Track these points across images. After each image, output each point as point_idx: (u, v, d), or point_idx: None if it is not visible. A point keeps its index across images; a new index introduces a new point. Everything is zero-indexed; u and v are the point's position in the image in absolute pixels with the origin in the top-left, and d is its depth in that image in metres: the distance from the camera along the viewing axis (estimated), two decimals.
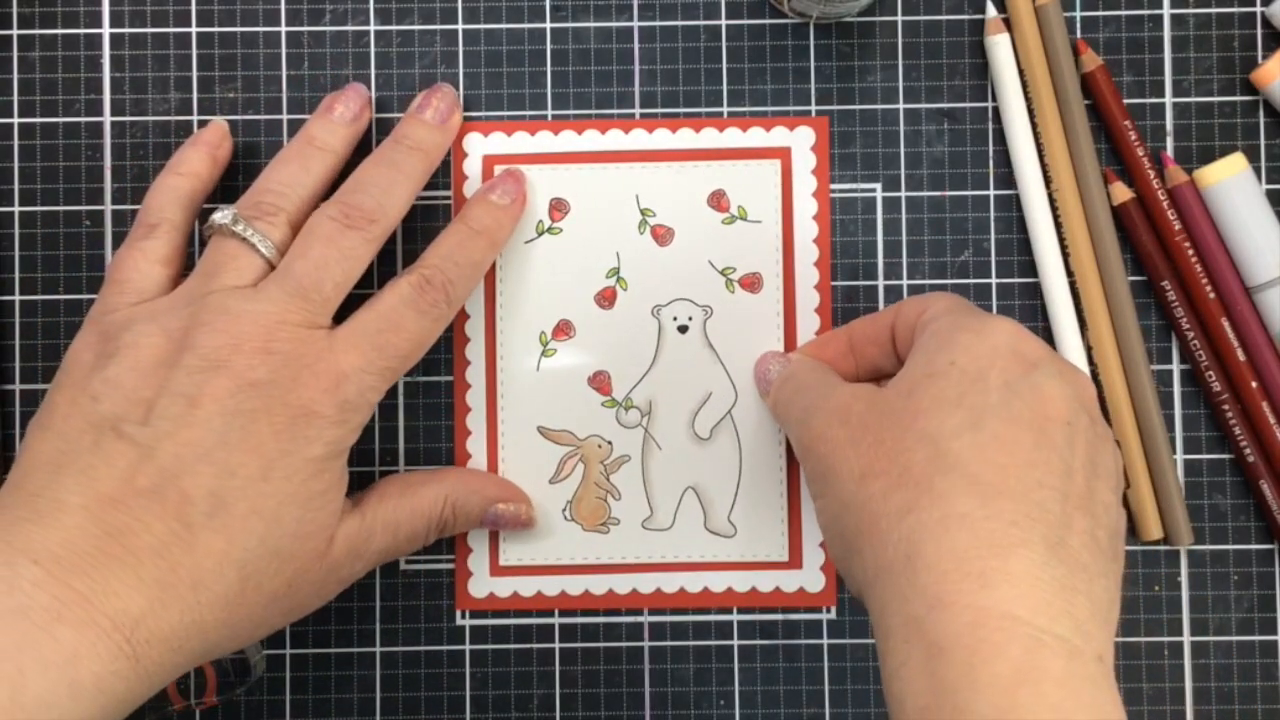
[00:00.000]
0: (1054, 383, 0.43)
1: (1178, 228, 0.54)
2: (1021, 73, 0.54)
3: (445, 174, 0.54)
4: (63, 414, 0.46)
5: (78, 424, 0.45)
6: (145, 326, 0.47)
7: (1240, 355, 0.54)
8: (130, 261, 0.49)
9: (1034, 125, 0.54)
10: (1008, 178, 0.55)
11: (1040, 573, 0.40)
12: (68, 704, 0.41)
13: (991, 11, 0.54)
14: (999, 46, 0.54)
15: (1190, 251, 0.54)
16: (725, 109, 0.55)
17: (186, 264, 0.51)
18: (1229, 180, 0.53)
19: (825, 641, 0.55)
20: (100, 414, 0.45)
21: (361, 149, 0.53)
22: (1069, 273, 0.54)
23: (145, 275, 0.49)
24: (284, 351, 0.46)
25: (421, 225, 0.54)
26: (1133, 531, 0.54)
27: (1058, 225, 0.54)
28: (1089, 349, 0.54)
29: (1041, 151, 0.54)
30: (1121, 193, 0.54)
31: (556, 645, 0.54)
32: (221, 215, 0.49)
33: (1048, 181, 0.54)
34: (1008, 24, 0.54)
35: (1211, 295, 0.54)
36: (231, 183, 0.54)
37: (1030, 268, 0.55)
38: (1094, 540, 0.42)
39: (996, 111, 0.55)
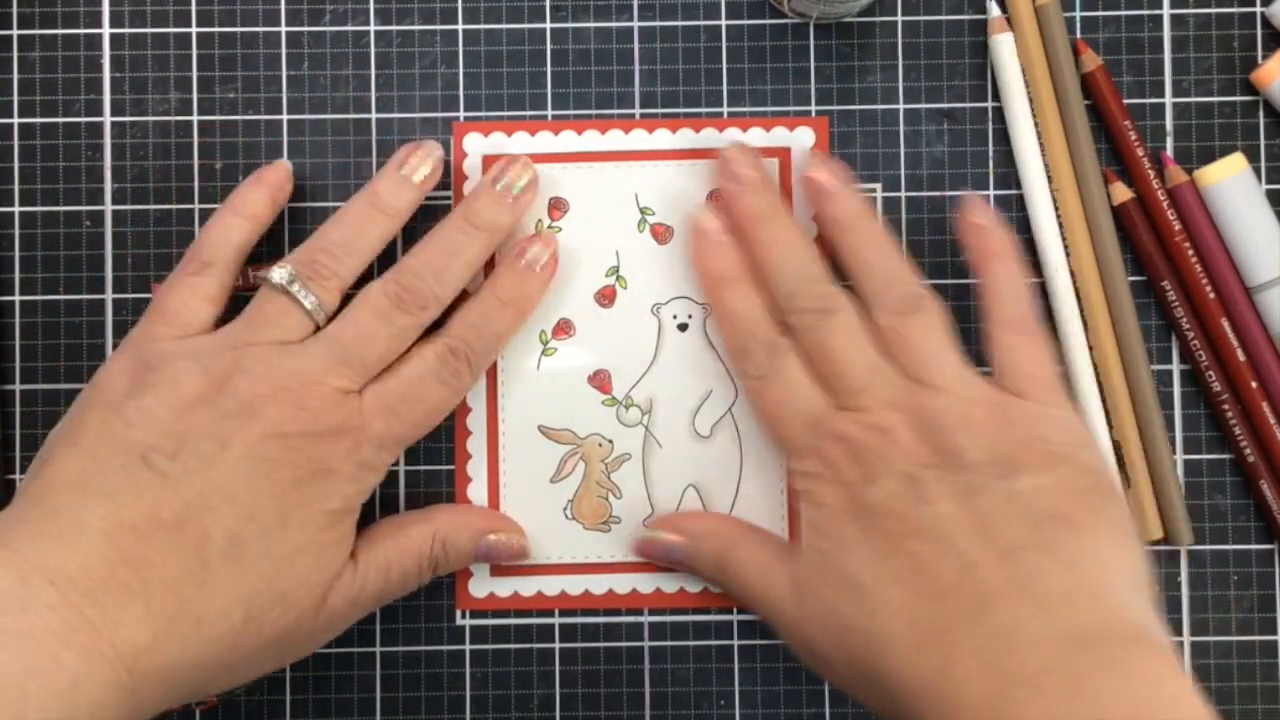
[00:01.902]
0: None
1: (1178, 228, 0.54)
2: (1022, 72, 0.54)
3: (445, 174, 0.54)
4: (94, 434, 0.46)
5: (107, 447, 0.46)
6: (188, 364, 0.47)
7: (1240, 355, 0.54)
8: (179, 295, 0.50)
9: (1035, 125, 0.54)
10: (1008, 178, 0.55)
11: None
12: None
13: (994, 11, 0.54)
14: (1002, 46, 0.54)
15: (1190, 251, 0.54)
16: (725, 109, 0.55)
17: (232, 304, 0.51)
18: (1229, 180, 0.53)
19: None
20: (131, 441, 0.45)
21: (359, 132, 0.53)
22: (1070, 273, 0.54)
23: (192, 311, 0.50)
24: (315, 410, 0.47)
25: (421, 226, 0.54)
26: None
27: (1059, 225, 0.54)
28: (1090, 349, 0.54)
29: (1042, 151, 0.54)
30: (1121, 193, 0.54)
31: (556, 645, 0.54)
32: (279, 275, 0.49)
33: (1048, 181, 0.54)
34: (1008, 24, 0.54)
35: (1211, 295, 0.54)
36: (231, 183, 0.54)
37: (1030, 268, 0.55)
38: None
39: (996, 112, 0.55)
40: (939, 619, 0.44)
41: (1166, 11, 0.55)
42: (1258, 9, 0.55)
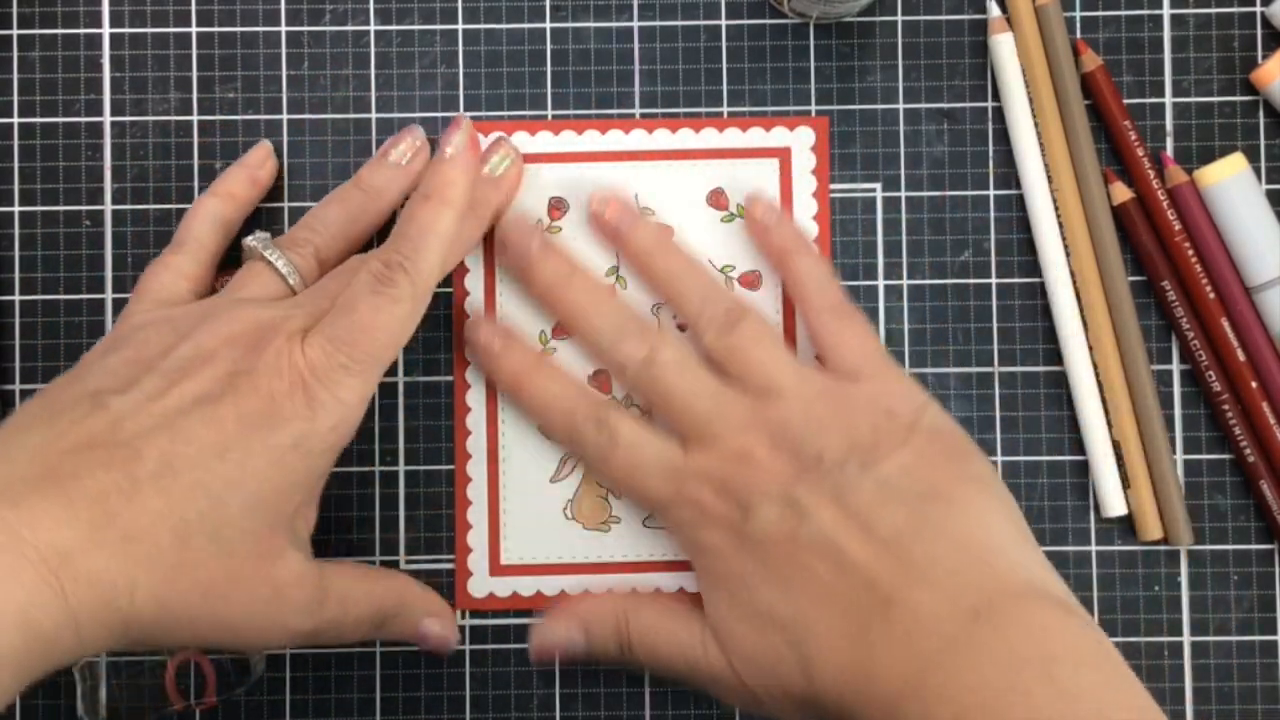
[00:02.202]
0: None
1: (1177, 228, 0.54)
2: (1022, 72, 0.54)
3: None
4: (55, 390, 0.46)
5: (63, 397, 0.46)
6: (158, 327, 0.48)
7: (1240, 355, 0.54)
8: (156, 275, 0.51)
9: (1035, 125, 0.54)
10: (1008, 178, 0.55)
11: None
12: None
13: (994, 11, 0.54)
14: (1002, 46, 0.54)
15: (1190, 251, 0.54)
16: (725, 109, 0.55)
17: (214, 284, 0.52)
18: (1229, 180, 0.53)
19: None
20: (86, 388, 0.46)
21: (359, 132, 0.53)
22: (1070, 273, 0.54)
23: (166, 287, 0.50)
24: (266, 349, 0.46)
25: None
26: (1132, 531, 0.54)
27: (1059, 225, 0.54)
28: (1090, 349, 0.54)
29: (1042, 151, 0.54)
30: (1121, 193, 0.54)
31: None
32: (254, 239, 0.50)
33: (1048, 181, 0.54)
34: (1008, 24, 0.54)
35: (1211, 295, 0.54)
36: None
37: (1030, 268, 0.55)
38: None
39: (996, 112, 0.55)
40: (855, 624, 0.46)
41: (1166, 11, 0.55)
42: (1258, 9, 0.55)
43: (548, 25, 0.55)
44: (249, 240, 0.51)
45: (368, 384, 0.48)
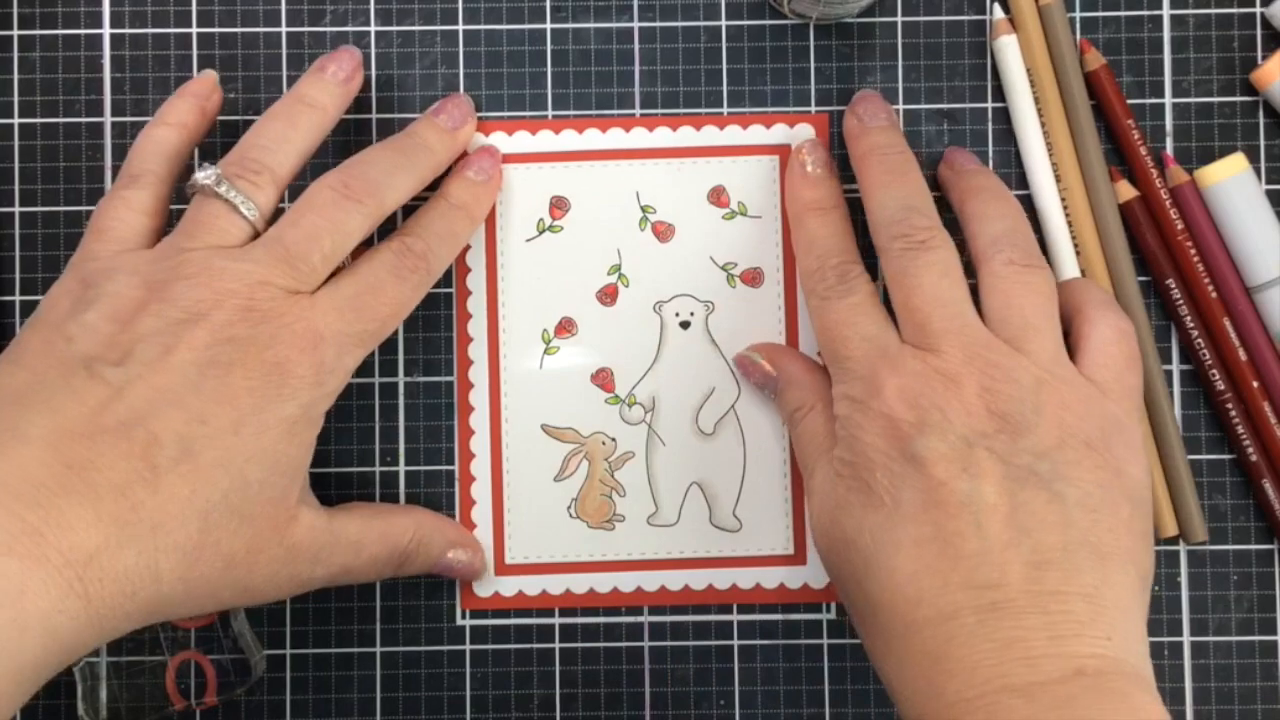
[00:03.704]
0: None
1: (1180, 227, 0.54)
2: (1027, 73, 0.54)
3: (447, 173, 0.54)
4: (34, 352, 0.45)
5: (49, 362, 0.44)
6: (127, 277, 0.46)
7: (1242, 355, 0.54)
8: (113, 210, 0.49)
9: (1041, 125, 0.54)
10: (1007, 178, 0.55)
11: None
12: (12, 645, 0.39)
13: (998, 13, 0.54)
14: (1007, 48, 0.54)
15: (1192, 251, 0.54)
16: (725, 110, 0.55)
17: (170, 218, 0.50)
18: (1229, 180, 0.53)
19: (825, 641, 0.55)
20: (73, 354, 0.44)
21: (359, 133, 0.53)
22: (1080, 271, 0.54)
23: (128, 225, 0.48)
24: (264, 310, 0.46)
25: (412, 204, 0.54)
26: None
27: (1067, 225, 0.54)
28: None
29: (1049, 151, 0.54)
30: (1126, 191, 0.54)
31: (557, 645, 0.54)
32: (204, 175, 0.48)
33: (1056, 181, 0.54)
34: (1012, 25, 0.54)
35: (1214, 295, 0.54)
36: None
37: None
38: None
39: (996, 112, 0.55)
40: (946, 598, 0.44)
41: (1166, 12, 0.55)
42: (1258, 9, 0.55)
43: (548, 26, 0.55)
44: (200, 177, 0.48)
45: (365, 356, 0.49)
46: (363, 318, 0.48)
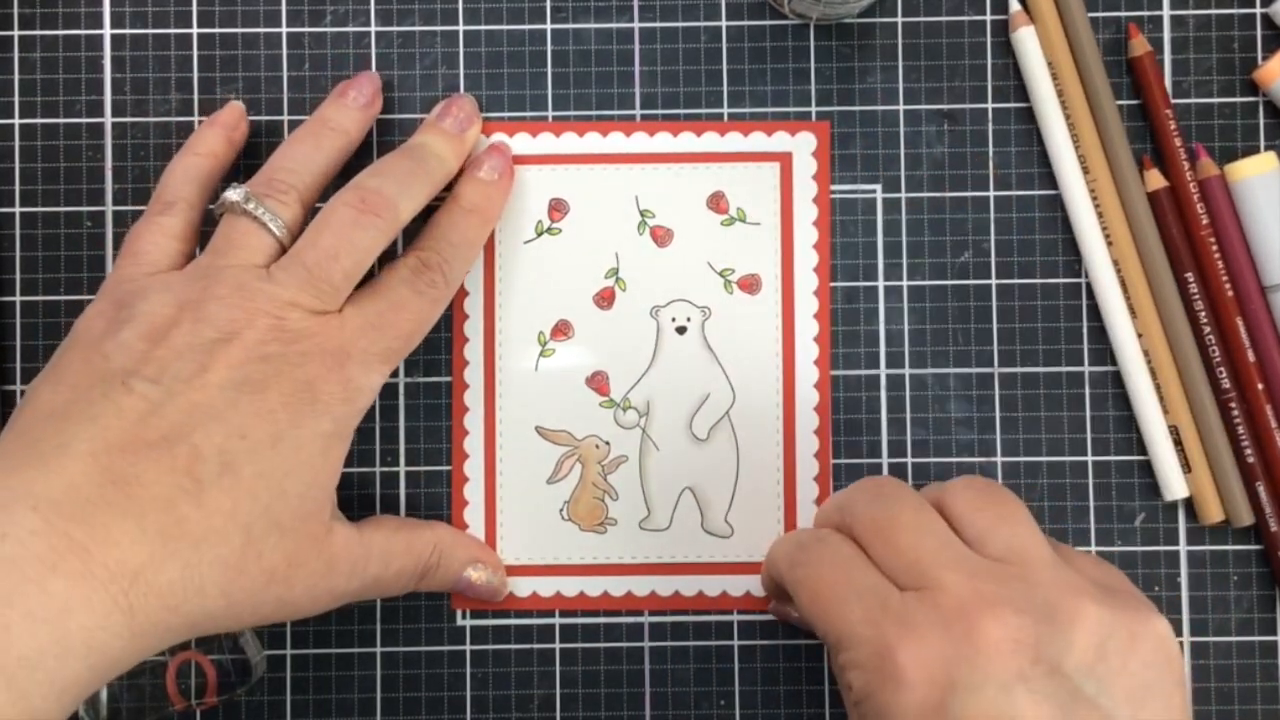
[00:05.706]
0: None
1: (1204, 221, 0.54)
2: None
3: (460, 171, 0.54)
4: (74, 370, 0.45)
5: (90, 379, 0.45)
6: (160, 296, 0.47)
7: (1250, 356, 0.53)
8: (147, 235, 0.50)
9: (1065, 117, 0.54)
10: (1008, 179, 0.55)
11: None
12: (54, 663, 0.39)
13: (1014, 6, 0.54)
14: (1026, 40, 0.54)
15: (1214, 246, 0.53)
16: (725, 110, 0.55)
17: (200, 243, 0.51)
18: (1256, 178, 0.53)
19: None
20: (111, 369, 0.45)
21: (366, 153, 0.54)
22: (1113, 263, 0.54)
23: (161, 249, 0.49)
24: (295, 330, 0.47)
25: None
26: (1193, 516, 0.54)
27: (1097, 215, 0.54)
28: (1139, 335, 0.54)
29: (1075, 143, 0.54)
30: (1156, 179, 0.54)
31: (556, 645, 0.55)
32: (234, 193, 0.49)
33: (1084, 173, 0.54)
34: (1029, 16, 0.54)
35: (1230, 292, 0.53)
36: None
37: (1030, 268, 0.55)
38: None
39: (997, 112, 0.55)
40: None
41: (1166, 12, 0.55)
42: (1258, 9, 0.55)
43: (548, 26, 0.55)
44: (229, 195, 0.49)
45: (390, 372, 0.49)
46: (386, 335, 0.49)
